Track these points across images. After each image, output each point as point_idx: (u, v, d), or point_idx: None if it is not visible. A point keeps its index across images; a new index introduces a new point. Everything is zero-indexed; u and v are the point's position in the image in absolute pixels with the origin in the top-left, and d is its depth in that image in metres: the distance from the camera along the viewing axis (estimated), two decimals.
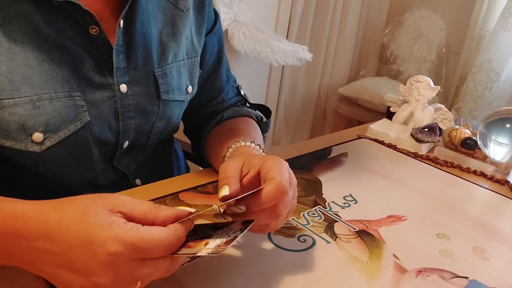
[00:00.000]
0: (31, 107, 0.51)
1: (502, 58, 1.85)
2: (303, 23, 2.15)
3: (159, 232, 0.37)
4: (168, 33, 0.64)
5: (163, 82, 0.64)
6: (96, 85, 0.57)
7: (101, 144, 0.60)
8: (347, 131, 0.98)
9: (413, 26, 2.22)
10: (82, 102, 0.55)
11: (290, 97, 2.31)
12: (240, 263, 0.49)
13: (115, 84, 0.58)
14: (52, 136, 0.54)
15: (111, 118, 0.59)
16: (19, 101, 0.51)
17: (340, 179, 0.73)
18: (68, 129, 0.55)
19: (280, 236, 0.55)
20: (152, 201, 0.40)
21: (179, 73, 0.67)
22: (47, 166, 0.56)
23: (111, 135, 0.61)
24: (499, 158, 0.83)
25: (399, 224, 0.61)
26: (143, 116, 0.63)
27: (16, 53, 0.50)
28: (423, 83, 0.94)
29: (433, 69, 2.21)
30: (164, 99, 0.65)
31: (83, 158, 0.59)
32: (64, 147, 0.55)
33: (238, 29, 1.64)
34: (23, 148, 0.53)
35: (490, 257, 0.56)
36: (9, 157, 0.54)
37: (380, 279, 0.49)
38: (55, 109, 0.53)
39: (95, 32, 0.55)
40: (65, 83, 0.54)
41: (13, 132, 0.51)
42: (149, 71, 0.62)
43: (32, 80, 0.51)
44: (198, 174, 0.69)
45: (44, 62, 0.52)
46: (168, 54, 0.64)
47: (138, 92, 0.61)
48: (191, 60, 0.69)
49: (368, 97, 2.14)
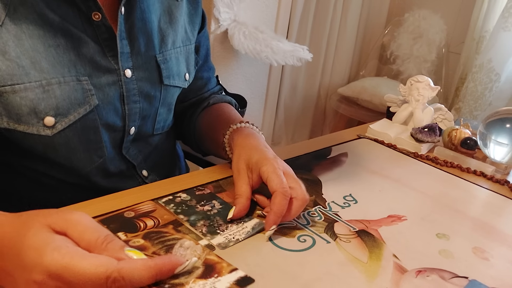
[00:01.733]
0: (41, 91, 0.53)
1: (502, 58, 1.85)
2: (303, 23, 2.15)
3: (92, 266, 0.35)
4: (165, 21, 0.67)
5: (165, 67, 0.67)
6: (102, 70, 0.59)
7: (109, 128, 0.62)
8: (347, 131, 0.98)
9: (413, 26, 2.22)
10: (90, 86, 0.57)
11: (290, 97, 2.31)
12: (240, 263, 0.49)
13: (120, 68, 0.61)
14: (62, 119, 0.56)
15: (117, 102, 0.62)
16: (29, 85, 0.52)
17: (340, 179, 0.73)
18: (77, 112, 0.57)
19: (280, 236, 0.55)
20: (109, 232, 0.39)
21: (178, 60, 0.70)
22: (58, 151, 0.58)
23: (118, 119, 0.63)
24: (499, 158, 0.83)
25: (399, 224, 0.61)
26: (147, 101, 0.66)
27: (23, 39, 0.52)
28: (423, 83, 0.94)
29: (433, 69, 2.21)
30: (166, 84, 0.68)
31: (92, 142, 0.61)
32: (74, 130, 0.58)
33: (238, 29, 1.64)
34: (35, 132, 0.54)
35: (490, 257, 0.56)
36: (21, 143, 0.56)
37: (380, 279, 0.49)
38: (63, 93, 0.55)
39: (98, 18, 0.57)
40: (72, 67, 0.56)
41: (25, 116, 0.53)
42: (151, 56, 0.65)
43: (40, 65, 0.53)
44: (198, 174, 0.69)
45: (51, 48, 0.54)
46: (167, 40, 0.68)
47: (141, 77, 0.64)
48: (186, 48, 0.73)
49: (368, 97, 2.14)
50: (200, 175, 0.68)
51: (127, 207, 0.57)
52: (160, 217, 0.55)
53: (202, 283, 0.43)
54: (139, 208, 0.57)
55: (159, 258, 0.40)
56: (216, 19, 1.63)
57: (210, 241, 0.52)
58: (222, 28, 1.65)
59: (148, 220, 0.54)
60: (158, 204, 0.58)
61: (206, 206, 0.59)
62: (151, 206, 0.58)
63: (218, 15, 1.61)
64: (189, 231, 0.53)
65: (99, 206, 0.56)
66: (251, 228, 0.55)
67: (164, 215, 0.56)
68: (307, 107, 2.41)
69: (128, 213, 0.55)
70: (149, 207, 0.57)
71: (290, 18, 2.06)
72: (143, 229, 0.53)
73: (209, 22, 1.62)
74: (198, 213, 0.57)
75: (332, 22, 2.25)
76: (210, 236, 0.53)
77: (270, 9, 1.87)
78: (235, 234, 0.53)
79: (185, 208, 0.58)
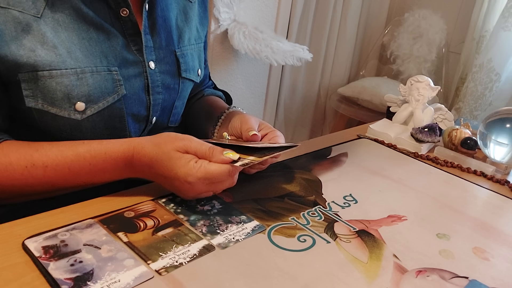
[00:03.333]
0: (75, 79, 0.58)
1: (502, 58, 1.85)
2: (303, 23, 2.15)
3: (219, 167, 0.54)
4: (182, 19, 0.74)
5: (183, 61, 0.73)
6: (129, 62, 0.64)
7: (135, 118, 0.67)
8: (347, 131, 0.98)
9: (413, 26, 2.22)
10: (119, 77, 0.62)
11: (290, 97, 2.31)
12: (240, 263, 0.49)
13: (144, 61, 0.66)
14: (92, 106, 0.60)
15: (142, 93, 0.66)
16: (65, 72, 0.57)
17: (340, 179, 0.73)
18: (106, 100, 0.62)
19: (280, 236, 0.55)
20: (210, 144, 0.57)
21: (192, 56, 0.76)
22: (84, 133, 0.62)
23: (143, 108, 0.67)
24: (499, 158, 0.83)
25: (399, 224, 0.61)
26: (167, 93, 0.71)
27: (60, 31, 0.57)
28: (423, 83, 0.94)
29: (433, 69, 2.21)
30: (184, 77, 0.73)
31: (117, 130, 0.65)
32: (101, 117, 0.62)
33: (238, 29, 1.64)
34: (66, 115, 0.59)
35: (490, 258, 0.56)
36: (51, 123, 0.60)
37: (380, 279, 0.49)
38: (95, 82, 0.60)
39: (126, 14, 0.62)
40: (103, 58, 0.61)
41: (59, 100, 0.58)
42: (171, 51, 0.71)
43: (75, 54, 0.58)
44: None
45: (84, 40, 0.59)
46: (184, 37, 0.74)
47: (163, 70, 0.69)
48: (198, 45, 0.79)
49: (368, 97, 2.13)
50: None
51: (127, 207, 0.57)
52: (160, 217, 0.55)
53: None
54: (139, 208, 0.57)
55: None
56: (216, 19, 1.63)
57: (210, 241, 0.52)
58: (222, 28, 1.65)
59: (148, 220, 0.54)
60: (158, 204, 0.58)
61: (206, 206, 0.59)
62: (151, 206, 0.58)
63: (218, 15, 1.61)
64: (189, 231, 0.53)
65: (99, 206, 0.56)
66: (251, 230, 0.55)
67: (164, 215, 0.56)
68: (307, 107, 2.41)
69: (128, 213, 0.55)
70: (149, 207, 0.57)
71: (290, 18, 2.05)
72: (143, 229, 0.53)
73: (209, 22, 1.62)
74: (198, 213, 0.57)
75: (332, 22, 2.24)
76: (210, 236, 0.53)
77: (270, 9, 1.86)
78: (235, 234, 0.53)
79: (185, 208, 0.58)
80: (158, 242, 0.50)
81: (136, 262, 0.47)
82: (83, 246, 0.48)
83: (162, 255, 0.48)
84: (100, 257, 0.47)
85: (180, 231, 0.53)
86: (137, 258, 0.48)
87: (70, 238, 0.49)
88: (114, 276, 0.45)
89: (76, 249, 0.48)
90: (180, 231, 0.53)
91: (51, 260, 0.46)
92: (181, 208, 0.58)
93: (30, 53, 0.55)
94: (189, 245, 0.51)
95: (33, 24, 0.55)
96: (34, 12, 0.55)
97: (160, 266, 0.47)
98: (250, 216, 0.58)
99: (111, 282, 0.44)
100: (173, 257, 0.48)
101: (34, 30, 0.55)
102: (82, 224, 0.52)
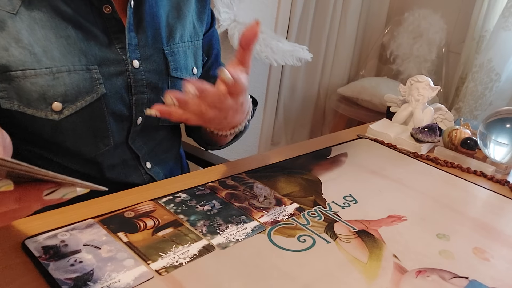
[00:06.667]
0: (51, 78, 0.56)
1: (502, 58, 1.85)
2: (303, 23, 2.15)
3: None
4: (174, 16, 0.71)
5: (172, 60, 0.70)
6: (110, 60, 0.62)
7: (116, 117, 0.64)
8: (347, 131, 0.98)
9: (413, 26, 2.22)
10: (99, 75, 0.60)
11: (289, 97, 2.31)
12: (240, 263, 0.49)
13: (127, 59, 0.64)
14: (70, 106, 0.59)
15: (124, 92, 0.64)
16: (39, 72, 0.56)
17: (340, 179, 0.73)
18: (84, 100, 0.60)
19: (280, 236, 0.55)
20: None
21: (185, 54, 0.73)
22: (65, 135, 0.60)
23: (125, 108, 0.65)
24: (499, 158, 0.83)
25: (399, 224, 0.61)
26: (154, 93, 0.68)
27: (36, 29, 0.55)
28: (423, 83, 0.94)
29: (433, 69, 2.21)
30: (173, 76, 0.70)
31: (99, 130, 0.63)
32: (81, 117, 0.60)
33: (238, 29, 1.64)
34: (43, 116, 0.57)
35: (491, 258, 0.56)
36: (31, 126, 0.58)
37: (380, 279, 0.49)
38: (73, 81, 0.58)
39: (108, 11, 0.60)
40: (82, 57, 0.59)
41: (34, 101, 0.56)
42: (159, 49, 0.68)
43: (51, 53, 0.56)
44: (198, 174, 0.69)
45: (62, 38, 0.57)
46: (175, 35, 0.71)
47: (149, 68, 0.67)
48: (194, 43, 0.75)
49: (368, 97, 2.13)
50: (200, 175, 0.68)
51: (127, 207, 0.57)
52: (160, 217, 0.55)
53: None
54: (139, 208, 0.57)
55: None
56: (216, 19, 1.63)
57: (210, 241, 0.52)
58: (222, 28, 1.65)
59: (148, 220, 0.54)
60: (158, 204, 0.58)
61: (206, 206, 0.59)
62: (151, 206, 0.58)
63: (218, 15, 1.61)
64: (189, 231, 0.53)
65: (99, 206, 0.56)
66: (251, 230, 0.55)
67: (164, 215, 0.56)
68: (306, 107, 2.41)
69: (128, 213, 0.55)
70: (149, 207, 0.57)
71: (289, 18, 2.05)
72: (143, 229, 0.53)
73: None
74: (198, 213, 0.57)
75: (332, 22, 2.24)
76: (210, 236, 0.53)
77: (270, 9, 1.86)
78: (235, 234, 0.53)
79: (185, 208, 0.58)
80: (158, 242, 0.50)
81: (136, 262, 0.47)
82: (83, 246, 0.48)
83: (162, 255, 0.48)
84: (100, 257, 0.47)
85: (180, 231, 0.53)
86: (137, 258, 0.48)
87: (70, 238, 0.49)
88: (114, 276, 0.45)
89: (76, 249, 0.48)
90: (180, 231, 0.53)
91: (51, 260, 0.46)
92: (181, 208, 0.58)
93: (3, 53, 0.54)
94: (189, 245, 0.51)
95: (8, 21, 0.54)
96: (10, 9, 0.54)
97: (160, 266, 0.47)
98: (250, 216, 0.58)
99: (111, 282, 0.44)
100: (173, 257, 0.48)
101: (9, 27, 0.54)
102: (82, 224, 0.52)
